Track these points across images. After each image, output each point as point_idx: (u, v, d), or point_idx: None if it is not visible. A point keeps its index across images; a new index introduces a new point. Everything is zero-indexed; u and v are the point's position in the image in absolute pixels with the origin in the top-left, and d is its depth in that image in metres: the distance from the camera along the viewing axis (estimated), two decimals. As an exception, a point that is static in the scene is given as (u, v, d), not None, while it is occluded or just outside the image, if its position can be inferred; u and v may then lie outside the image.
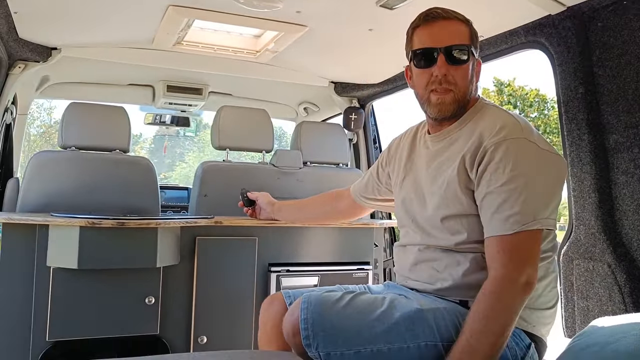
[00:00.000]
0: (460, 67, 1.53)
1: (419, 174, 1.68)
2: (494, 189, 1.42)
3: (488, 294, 1.36)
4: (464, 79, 1.55)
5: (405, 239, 1.72)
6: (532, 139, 1.45)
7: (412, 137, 1.79)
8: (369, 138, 3.69)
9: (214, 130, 2.88)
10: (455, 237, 1.53)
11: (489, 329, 1.33)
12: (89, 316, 2.22)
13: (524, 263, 1.38)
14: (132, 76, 3.70)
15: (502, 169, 1.42)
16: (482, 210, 1.46)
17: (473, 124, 1.56)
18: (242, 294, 2.50)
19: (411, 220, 1.69)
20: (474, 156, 1.48)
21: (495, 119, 1.51)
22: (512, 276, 1.36)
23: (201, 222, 2.38)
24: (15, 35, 2.65)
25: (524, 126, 1.49)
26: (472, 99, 1.61)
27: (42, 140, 23.80)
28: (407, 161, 1.76)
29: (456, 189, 1.51)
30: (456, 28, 1.55)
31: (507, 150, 1.42)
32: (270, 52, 2.99)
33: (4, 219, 2.20)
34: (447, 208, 1.54)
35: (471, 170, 1.49)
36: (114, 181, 2.70)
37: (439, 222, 1.56)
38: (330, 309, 1.44)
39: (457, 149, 1.55)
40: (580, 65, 1.93)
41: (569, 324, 2.10)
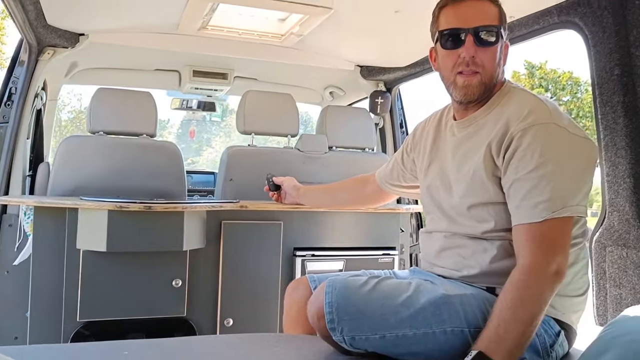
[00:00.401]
0: (488, 48, 1.48)
1: (444, 161, 1.65)
2: (521, 176, 1.38)
3: (517, 282, 1.33)
4: (492, 61, 1.50)
5: (431, 225, 1.70)
6: (562, 124, 1.41)
7: (437, 123, 1.75)
8: (396, 122, 3.65)
9: (239, 115, 2.88)
10: (482, 225, 1.50)
11: (518, 318, 1.29)
12: (117, 298, 2.26)
13: (554, 251, 1.34)
14: (159, 61, 3.71)
15: (530, 155, 1.37)
16: (510, 197, 1.42)
17: (500, 109, 1.51)
18: (268, 278, 2.51)
19: (437, 208, 1.66)
20: (501, 142, 1.44)
21: (523, 104, 1.46)
22: (541, 265, 1.32)
23: (227, 206, 2.39)
24: (43, 21, 2.68)
25: (553, 110, 1.44)
26: (499, 82, 1.56)
27: (72, 125, 24.25)
28: (432, 147, 1.72)
29: (482, 176, 1.48)
30: (485, 8, 1.50)
31: (535, 136, 1.38)
32: (296, 36, 2.97)
33: (36, 202, 2.25)
34: (474, 196, 1.51)
35: (498, 157, 1.45)
36: (141, 166, 2.73)
37: (466, 210, 1.53)
38: (355, 293, 1.43)
39: (484, 135, 1.51)
40: (616, 45, 1.86)
41: (600, 312, 2.05)
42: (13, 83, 2.92)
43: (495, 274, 1.48)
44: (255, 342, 1.57)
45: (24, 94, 2.92)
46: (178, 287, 2.34)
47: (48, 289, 2.26)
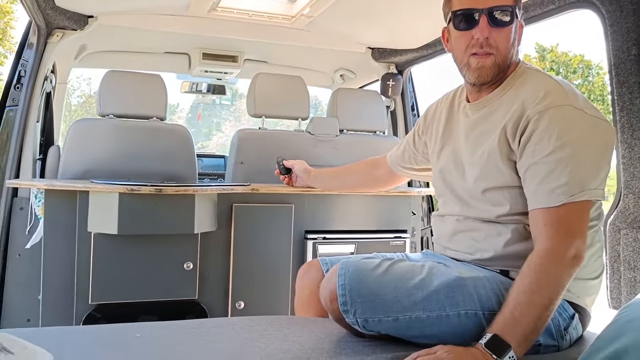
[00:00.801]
0: (502, 29, 1.46)
1: (457, 144, 1.63)
2: (538, 160, 1.36)
3: (534, 266, 1.31)
4: (506, 42, 1.47)
5: (444, 208, 1.68)
6: (578, 105, 1.38)
7: (450, 104, 1.73)
8: (407, 105, 3.61)
9: (249, 98, 2.86)
10: (497, 208, 1.48)
11: (535, 302, 1.28)
12: (129, 280, 2.27)
13: (573, 235, 1.32)
14: (168, 44, 3.69)
15: (547, 138, 1.35)
16: (526, 181, 1.40)
17: (514, 91, 1.49)
18: (279, 261, 2.51)
19: (450, 191, 1.64)
20: (516, 125, 1.42)
21: (538, 85, 1.44)
22: (559, 249, 1.31)
23: (238, 189, 2.38)
24: (52, 3, 2.67)
25: (569, 91, 1.41)
26: (513, 63, 1.53)
27: (82, 109, 24.32)
28: (445, 130, 1.70)
29: (497, 160, 1.46)
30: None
31: (552, 119, 1.36)
32: (306, 17, 2.93)
33: (47, 185, 2.25)
34: (489, 180, 1.49)
35: (513, 140, 1.43)
36: (152, 148, 2.72)
37: (480, 194, 1.51)
38: (369, 276, 1.42)
39: (498, 118, 1.49)
40: (634, 25, 1.82)
41: (614, 295, 2.03)
42: (22, 66, 2.92)
43: (509, 257, 1.47)
44: (267, 325, 1.57)
45: (34, 76, 2.92)
46: (189, 270, 2.35)
47: (60, 272, 2.27)
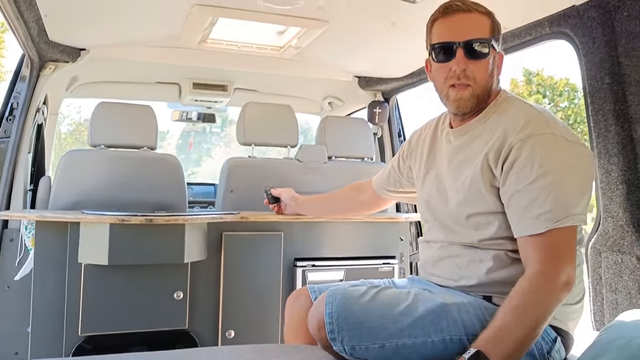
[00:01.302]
0: (479, 61, 1.50)
1: (440, 170, 1.67)
2: (522, 188, 1.39)
3: (523, 288, 1.33)
4: (483, 74, 1.51)
5: (429, 234, 1.72)
6: (559, 133, 1.42)
7: (434, 130, 1.77)
8: (394, 132, 3.68)
9: (239, 126, 2.91)
10: (479, 232, 1.51)
11: (522, 323, 1.30)
12: (119, 311, 2.28)
13: (563, 261, 1.34)
14: (159, 74, 3.75)
15: (529, 166, 1.38)
16: (510, 208, 1.43)
17: (496, 118, 1.53)
18: (269, 289, 2.53)
19: (433, 217, 1.68)
20: (499, 153, 1.45)
21: (519, 114, 1.47)
22: (551, 273, 1.33)
23: (227, 217, 2.41)
24: (45, 37, 2.72)
25: (549, 120, 1.45)
26: (494, 92, 1.58)
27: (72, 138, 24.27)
28: (429, 155, 1.74)
29: (480, 186, 1.49)
30: (476, 21, 1.51)
31: (533, 147, 1.39)
32: (294, 48, 3.01)
33: (37, 216, 2.27)
34: (472, 205, 1.52)
35: (495, 167, 1.46)
36: (142, 178, 2.75)
37: (464, 219, 1.54)
38: (355, 303, 1.45)
39: (480, 144, 1.53)
40: (606, 55, 1.89)
41: (597, 318, 2.07)
42: (15, 98, 2.96)
43: (492, 284, 1.50)
44: (257, 354, 1.59)
45: (26, 108, 2.95)
46: (179, 300, 2.36)
47: (49, 304, 2.27)
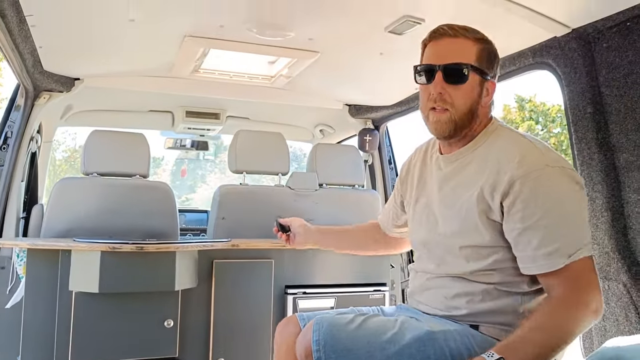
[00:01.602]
0: (458, 86, 1.49)
1: (430, 196, 1.66)
2: (529, 225, 1.38)
3: (555, 310, 1.33)
4: (462, 99, 1.50)
5: (418, 264, 1.71)
6: (555, 164, 1.41)
7: (423, 155, 1.76)
8: (384, 159, 3.72)
9: (230, 154, 2.94)
10: (471, 264, 1.50)
11: (548, 344, 1.29)
12: (109, 339, 2.27)
13: (585, 290, 1.33)
14: (152, 103, 3.79)
15: (533, 204, 1.37)
16: (520, 246, 1.41)
17: (486, 147, 1.53)
18: (260, 316, 2.53)
19: (423, 245, 1.67)
20: (494, 186, 1.43)
21: (512, 147, 1.46)
22: (575, 301, 1.32)
23: (218, 245, 2.42)
24: (40, 67, 2.77)
25: (544, 150, 1.45)
26: (484, 119, 1.57)
27: (66, 164, 24.25)
28: (419, 181, 1.73)
29: (476, 220, 1.47)
30: (460, 46, 1.51)
31: (535, 183, 1.38)
32: (285, 77, 3.06)
33: (29, 244, 2.28)
34: (467, 238, 1.50)
35: (492, 200, 1.44)
36: (135, 206, 2.77)
37: (456, 250, 1.53)
38: (342, 331, 1.46)
39: (471, 174, 1.52)
40: (587, 85, 1.94)
41: (586, 345, 2.08)
42: (9, 127, 2.99)
43: (479, 314, 1.50)
44: (246, 381, 1.60)
45: (20, 137, 2.99)
46: (170, 328, 2.35)
47: (40, 332, 2.26)
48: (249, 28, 2.34)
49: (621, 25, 1.81)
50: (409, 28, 2.20)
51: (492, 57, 1.55)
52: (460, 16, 1.97)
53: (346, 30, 2.34)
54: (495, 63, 1.56)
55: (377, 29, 2.26)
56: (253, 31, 2.35)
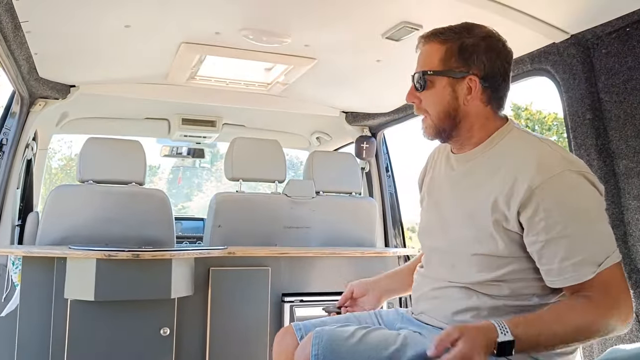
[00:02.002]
0: (427, 92, 1.50)
1: (442, 198, 1.61)
2: (554, 235, 1.31)
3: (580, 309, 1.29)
4: (433, 105, 1.50)
5: (427, 269, 1.65)
6: (573, 167, 1.35)
7: (438, 156, 1.72)
8: (382, 166, 3.71)
9: (227, 161, 2.93)
10: (482, 274, 1.44)
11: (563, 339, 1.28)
12: (105, 347, 2.25)
13: (616, 298, 1.29)
14: (148, 110, 3.78)
15: (557, 212, 1.31)
16: (544, 259, 1.35)
17: (499, 150, 1.48)
18: (256, 324, 2.50)
19: (433, 249, 1.62)
20: (512, 195, 1.37)
21: (528, 152, 1.41)
22: (615, 304, 1.29)
23: (214, 252, 2.41)
24: (35, 74, 2.75)
25: (561, 154, 1.39)
26: (483, 116, 1.50)
27: (62, 173, 24.19)
28: (432, 182, 1.70)
29: (491, 230, 1.41)
30: (428, 52, 1.51)
31: (557, 190, 1.32)
32: (281, 85, 3.05)
33: (24, 252, 2.26)
34: (480, 246, 1.44)
35: (509, 209, 1.38)
36: (130, 213, 2.75)
37: (468, 257, 1.47)
38: (342, 345, 1.43)
39: (484, 178, 1.46)
40: (587, 91, 1.94)
41: (586, 353, 2.06)
42: (4, 134, 2.97)
43: None
44: (243, 390, 1.57)
45: (15, 144, 2.97)
46: (166, 336, 2.33)
47: (35, 340, 2.24)
48: (245, 35, 2.33)
49: (620, 31, 1.80)
50: (406, 34, 2.20)
51: (467, 51, 1.47)
52: (457, 22, 1.96)
53: (343, 36, 2.33)
54: (473, 56, 1.47)
55: (374, 35, 2.25)
56: (249, 38, 2.34)
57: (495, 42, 1.50)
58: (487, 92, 1.48)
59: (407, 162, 2.08)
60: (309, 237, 2.96)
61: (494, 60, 1.48)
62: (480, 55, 1.47)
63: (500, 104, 1.52)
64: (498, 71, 1.48)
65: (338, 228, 3.04)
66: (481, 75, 1.47)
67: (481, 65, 1.47)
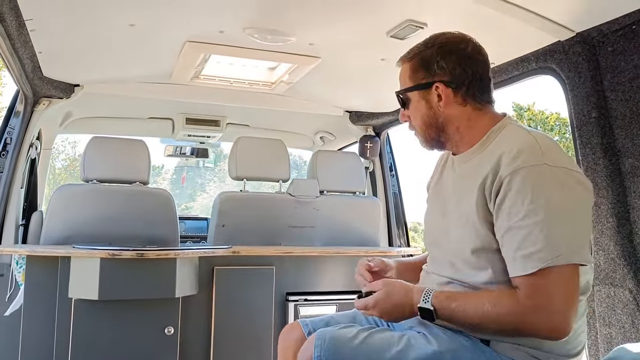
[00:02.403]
0: (409, 110, 1.59)
1: (445, 199, 1.62)
2: (514, 224, 1.31)
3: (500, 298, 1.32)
4: (415, 119, 1.58)
5: (431, 265, 1.66)
6: (555, 164, 1.33)
7: (446, 158, 1.72)
8: (385, 166, 3.70)
9: (231, 161, 2.92)
10: (482, 273, 1.43)
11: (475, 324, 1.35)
12: (109, 347, 2.25)
13: (550, 304, 1.26)
14: (152, 110, 3.78)
15: (520, 201, 1.30)
16: (504, 247, 1.35)
17: (494, 146, 1.46)
18: (261, 323, 2.50)
19: (436, 247, 1.63)
20: (491, 186, 1.38)
21: (513, 142, 1.40)
22: (536, 308, 1.25)
23: (219, 252, 2.41)
24: (40, 73, 2.75)
25: (545, 148, 1.36)
26: (484, 118, 1.51)
27: (66, 173, 24.27)
28: (437, 184, 1.71)
29: (475, 221, 1.41)
30: (402, 74, 1.61)
31: (524, 180, 1.31)
32: (285, 84, 3.05)
33: (28, 251, 2.26)
34: (470, 241, 1.44)
35: (490, 201, 1.39)
36: (134, 213, 2.75)
37: (468, 255, 1.46)
38: (344, 346, 1.43)
39: (477, 175, 1.45)
40: (592, 89, 1.93)
41: (592, 352, 2.05)
42: (8, 133, 2.97)
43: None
44: (247, 389, 1.57)
45: (19, 144, 2.97)
46: (170, 335, 2.33)
47: (39, 339, 2.24)
48: (250, 33, 2.32)
49: (626, 29, 1.80)
50: (411, 33, 2.19)
51: (427, 62, 1.52)
52: (462, 20, 1.97)
53: (348, 35, 2.33)
54: (433, 65, 1.51)
55: (379, 33, 2.25)
56: (254, 36, 2.34)
57: (455, 45, 1.52)
58: (459, 93, 1.51)
59: (411, 162, 2.05)
60: (313, 236, 2.96)
61: (456, 63, 1.50)
62: (439, 62, 1.51)
63: (480, 101, 1.52)
64: (464, 72, 1.50)
65: (342, 227, 3.04)
66: (447, 80, 1.51)
67: (443, 71, 1.51)
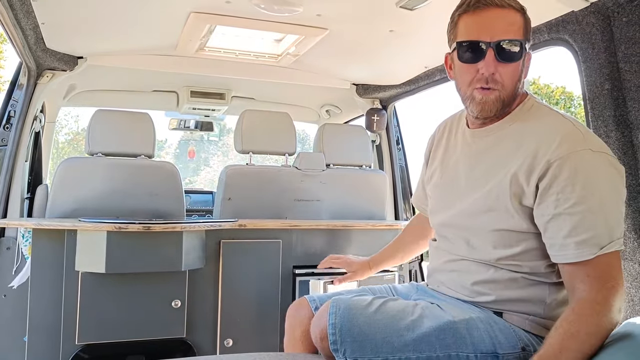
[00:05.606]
0: (509, 64, 1.40)
1: (457, 175, 1.58)
2: (563, 210, 1.30)
3: (584, 316, 1.24)
4: (512, 78, 1.42)
5: (441, 242, 1.65)
6: (596, 148, 1.33)
7: (448, 132, 1.69)
8: (392, 139, 3.67)
9: (236, 134, 2.90)
10: (499, 251, 1.44)
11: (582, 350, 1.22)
12: (116, 320, 2.26)
13: (613, 288, 1.26)
14: (156, 82, 3.75)
15: (570, 187, 1.29)
16: (549, 232, 1.34)
17: (521, 126, 1.45)
18: (267, 297, 2.51)
19: (447, 226, 1.61)
20: (531, 169, 1.36)
21: (552, 128, 1.38)
22: (603, 300, 1.25)
23: (225, 225, 2.40)
24: (43, 45, 2.72)
25: (585, 133, 1.36)
26: (519, 95, 1.48)
27: (70, 147, 24.28)
28: (444, 158, 1.67)
29: (507, 202, 1.40)
30: (510, 19, 1.39)
31: (575, 166, 1.30)
32: (292, 56, 3.01)
33: (34, 224, 2.26)
34: (497, 221, 1.44)
35: (527, 184, 1.37)
36: (140, 186, 2.74)
37: (485, 233, 1.46)
38: (360, 315, 1.42)
39: (507, 153, 1.44)
40: (606, 61, 1.89)
41: None
42: (12, 106, 2.95)
43: (505, 301, 1.46)
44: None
45: (23, 116, 2.94)
46: (177, 308, 2.34)
47: (46, 312, 2.26)
48: (256, 4, 2.28)
49: (643, -2, 1.75)
50: (420, 3, 2.14)
51: (530, 27, 1.46)
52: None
53: (356, 5, 2.28)
54: (530, 31, 1.46)
55: (387, 4, 2.19)
56: (260, 7, 2.29)
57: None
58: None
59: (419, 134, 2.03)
60: (319, 209, 2.95)
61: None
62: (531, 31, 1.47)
63: None
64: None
65: (348, 201, 3.03)
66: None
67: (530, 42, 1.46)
